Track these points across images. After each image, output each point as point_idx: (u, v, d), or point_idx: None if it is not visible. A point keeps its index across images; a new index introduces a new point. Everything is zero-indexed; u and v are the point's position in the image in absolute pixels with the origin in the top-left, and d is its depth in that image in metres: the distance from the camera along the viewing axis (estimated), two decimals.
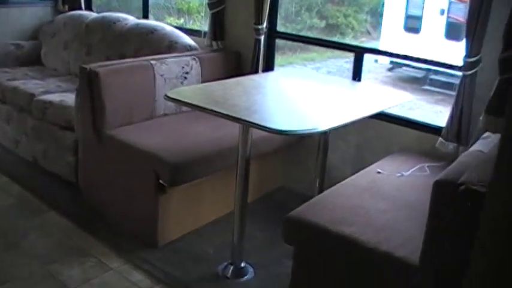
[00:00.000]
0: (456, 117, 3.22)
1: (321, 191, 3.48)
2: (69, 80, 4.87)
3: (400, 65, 9.65)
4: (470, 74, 3.13)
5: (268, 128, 2.56)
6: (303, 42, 4.38)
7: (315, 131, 2.71)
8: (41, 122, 4.31)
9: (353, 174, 3.21)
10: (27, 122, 4.46)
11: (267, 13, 3.97)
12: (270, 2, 3.97)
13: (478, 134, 2.90)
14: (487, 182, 1.63)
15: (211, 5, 4.27)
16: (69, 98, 4.16)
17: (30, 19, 5.66)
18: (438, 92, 8.97)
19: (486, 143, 2.46)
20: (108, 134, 3.56)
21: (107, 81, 3.53)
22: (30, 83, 4.72)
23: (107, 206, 3.69)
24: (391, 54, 3.88)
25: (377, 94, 3.56)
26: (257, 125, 2.60)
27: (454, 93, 3.23)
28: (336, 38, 11.99)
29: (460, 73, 3.18)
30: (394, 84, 10.06)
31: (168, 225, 3.38)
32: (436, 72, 8.88)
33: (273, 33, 4.14)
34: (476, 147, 2.45)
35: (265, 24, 4.00)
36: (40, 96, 4.38)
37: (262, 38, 4.02)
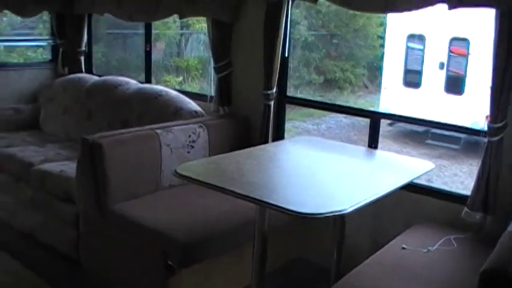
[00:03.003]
0: (482, 185, 3.07)
1: (338, 262, 3.33)
2: (69, 147, 4.70)
3: None
4: (497, 140, 3.00)
5: (289, 211, 2.39)
6: (316, 107, 4.23)
7: (339, 213, 2.52)
8: (39, 192, 4.13)
9: (371, 244, 3.03)
10: (25, 193, 4.28)
11: (276, 77, 3.84)
12: (280, 65, 3.84)
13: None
14: None
15: (217, 69, 4.14)
16: (70, 168, 3.98)
17: (29, 82, 5.54)
18: (441, 146, 8.91)
19: None
20: (112, 208, 3.37)
21: (110, 153, 3.37)
22: (29, 150, 4.56)
23: (111, 286, 3.49)
24: (409, 119, 3.73)
25: (396, 164, 3.40)
26: (277, 206, 2.43)
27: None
28: (334, 93, 12.02)
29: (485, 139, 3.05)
30: (395, 138, 9.99)
31: None
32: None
33: (283, 98, 4.00)
34: None
35: (275, 89, 3.85)
36: (39, 165, 4.21)
37: (272, 103, 3.87)
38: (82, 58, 5.58)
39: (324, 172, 3.12)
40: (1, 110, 5.22)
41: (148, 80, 5.05)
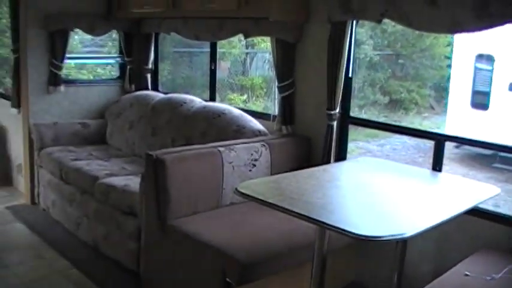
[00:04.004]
0: None
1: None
2: (134, 162, 4.80)
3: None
4: None
5: (349, 233, 2.34)
6: (378, 128, 4.16)
7: (400, 237, 2.47)
8: (103, 205, 4.22)
9: (433, 271, 2.94)
10: (89, 205, 4.38)
11: (340, 97, 3.81)
12: (344, 85, 3.81)
13: None
14: None
15: (281, 89, 4.15)
16: (133, 182, 4.06)
17: (97, 98, 5.71)
18: (508, 170, 8.61)
19: None
20: (172, 224, 3.41)
21: (173, 169, 3.42)
22: (94, 164, 4.68)
23: None
24: (475, 142, 3.61)
25: (461, 187, 3.30)
26: (336, 228, 2.39)
27: None
28: (400, 114, 11.80)
29: None
30: (462, 161, 9.72)
31: None
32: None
33: (346, 119, 3.95)
34: None
35: (338, 109, 3.82)
36: (103, 179, 4.31)
37: (334, 123, 3.84)
38: (148, 75, 5.71)
39: (385, 194, 3.06)
40: (70, 124, 5.39)
41: (212, 98, 5.10)
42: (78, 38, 6.06)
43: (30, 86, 5.27)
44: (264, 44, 7.47)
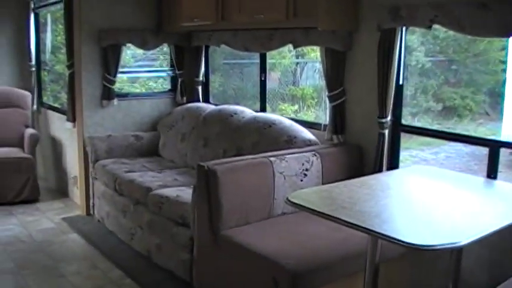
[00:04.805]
0: None
1: None
2: (186, 173, 4.84)
3: None
4: None
5: (402, 242, 2.31)
6: (431, 136, 4.08)
7: (454, 246, 2.40)
8: (156, 216, 4.26)
9: (488, 280, 2.86)
10: (143, 216, 4.44)
11: (391, 105, 3.76)
12: (395, 93, 3.77)
13: None
14: None
15: (331, 98, 4.13)
16: (186, 193, 4.09)
17: (150, 111, 5.80)
18: None
19: None
20: (224, 234, 3.42)
21: (224, 180, 3.43)
22: (147, 176, 4.74)
23: None
24: None
25: None
26: (389, 237, 2.35)
27: None
28: (453, 121, 11.57)
29: None
30: None
31: None
32: None
33: (398, 127, 3.90)
34: None
35: (389, 117, 3.78)
36: (156, 190, 4.36)
37: (386, 131, 3.79)
38: (199, 88, 5.77)
39: (439, 203, 2.99)
40: (124, 136, 5.49)
41: (263, 109, 5.11)
42: (130, 52, 6.16)
43: (85, 100, 5.40)
44: (314, 54, 7.43)
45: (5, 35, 7.04)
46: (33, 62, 6.98)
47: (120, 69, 5.55)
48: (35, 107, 6.90)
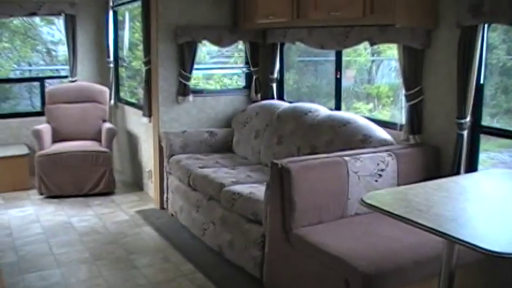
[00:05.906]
0: None
1: None
2: (259, 170, 4.86)
3: None
4: None
5: (481, 248, 2.22)
6: None
7: None
8: (229, 212, 4.29)
9: None
10: (215, 211, 4.48)
11: (471, 105, 3.64)
12: (475, 92, 3.64)
13: None
14: None
15: (408, 97, 4.03)
16: (258, 191, 4.10)
17: (224, 107, 5.85)
18: None
19: None
20: (297, 233, 3.41)
21: (298, 178, 3.42)
22: (221, 172, 4.77)
23: None
24: None
25: None
26: (467, 243, 2.27)
27: None
28: None
29: None
30: None
31: None
32: None
33: (477, 128, 3.77)
34: None
35: (468, 118, 3.65)
36: (229, 186, 4.38)
37: (465, 132, 3.67)
38: (274, 85, 5.77)
39: None
40: (198, 132, 5.56)
41: (338, 107, 5.05)
42: (205, 49, 6.23)
43: (161, 96, 5.50)
44: (391, 51, 7.30)
45: (86, 33, 7.27)
46: (111, 58, 7.18)
47: (196, 66, 5.62)
48: (112, 102, 7.10)
